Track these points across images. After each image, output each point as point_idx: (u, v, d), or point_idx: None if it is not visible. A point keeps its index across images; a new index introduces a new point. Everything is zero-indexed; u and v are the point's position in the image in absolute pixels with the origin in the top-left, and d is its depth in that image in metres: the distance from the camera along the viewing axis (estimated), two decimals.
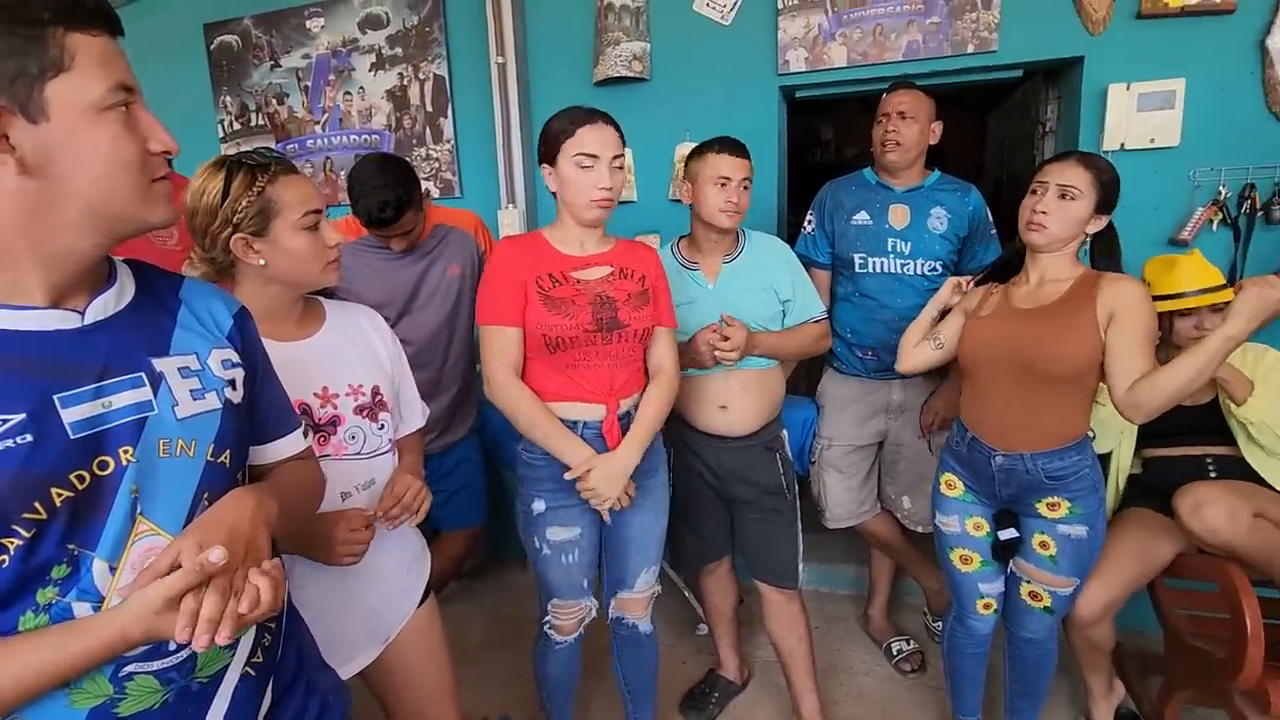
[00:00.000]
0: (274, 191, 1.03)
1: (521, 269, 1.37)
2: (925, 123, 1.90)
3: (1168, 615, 1.74)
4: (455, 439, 2.07)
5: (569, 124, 1.34)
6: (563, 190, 1.38)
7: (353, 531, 1.11)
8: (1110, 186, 1.40)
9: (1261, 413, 1.55)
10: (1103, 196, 1.40)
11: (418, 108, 2.66)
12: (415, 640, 1.30)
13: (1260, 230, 1.97)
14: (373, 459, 1.20)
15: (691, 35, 2.34)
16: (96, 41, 0.63)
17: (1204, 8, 1.91)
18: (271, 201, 1.03)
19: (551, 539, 1.48)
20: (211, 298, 0.84)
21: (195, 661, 0.72)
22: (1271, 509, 1.50)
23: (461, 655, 2.28)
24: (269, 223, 1.04)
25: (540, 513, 1.46)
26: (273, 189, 1.03)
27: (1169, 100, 1.96)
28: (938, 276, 1.91)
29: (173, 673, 0.71)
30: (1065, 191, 1.39)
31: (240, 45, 2.79)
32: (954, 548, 1.61)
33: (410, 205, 1.74)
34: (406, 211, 1.74)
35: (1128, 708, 1.87)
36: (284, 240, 1.05)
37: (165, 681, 0.70)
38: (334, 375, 1.16)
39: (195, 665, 0.73)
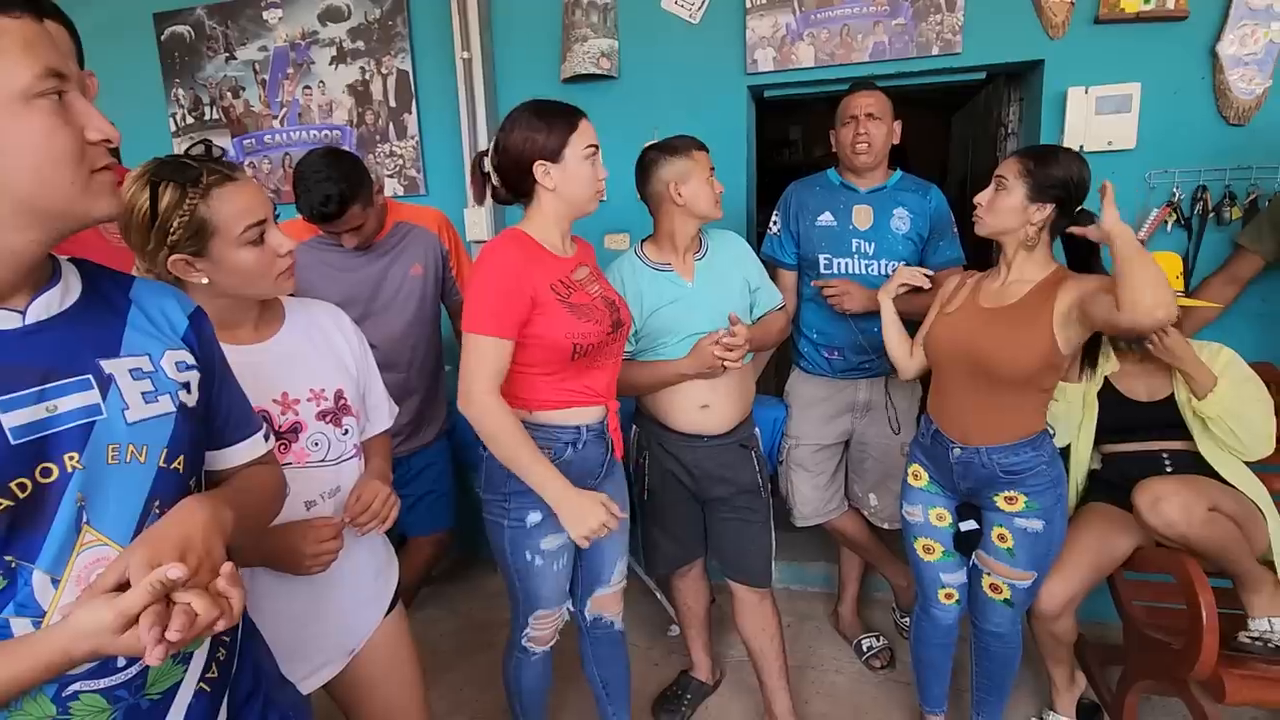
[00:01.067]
0: (208, 208, 0.96)
1: (531, 277, 1.28)
2: (890, 123, 1.91)
3: (1127, 607, 1.79)
4: (423, 443, 2.03)
5: (570, 115, 1.31)
6: (567, 185, 1.32)
7: (321, 542, 1.07)
8: (1038, 175, 1.40)
9: (1221, 408, 1.60)
10: (1032, 184, 1.41)
11: (380, 103, 2.60)
12: (382, 650, 1.26)
13: (1211, 231, 2.03)
14: (338, 465, 1.16)
15: (660, 33, 2.33)
16: (18, 24, 0.59)
17: (1158, 14, 1.96)
18: (206, 220, 0.96)
19: (545, 549, 1.43)
20: (164, 298, 0.80)
21: (145, 678, 0.69)
22: (1225, 503, 1.54)
23: (431, 661, 2.23)
24: (207, 242, 0.97)
25: (537, 523, 1.40)
26: (206, 206, 0.96)
27: (1125, 104, 2.01)
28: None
29: (121, 690, 0.68)
30: (998, 182, 1.44)
31: (193, 36, 2.69)
32: (918, 537, 1.65)
33: (355, 200, 1.67)
34: (351, 206, 1.67)
35: (1089, 698, 1.91)
36: (228, 258, 0.99)
37: (113, 700, 0.67)
38: (294, 379, 1.11)
39: (146, 682, 0.69)
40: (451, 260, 1.99)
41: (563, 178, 1.32)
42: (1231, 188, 2.00)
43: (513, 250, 1.30)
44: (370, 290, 1.83)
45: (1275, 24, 1.90)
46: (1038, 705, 1.92)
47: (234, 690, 0.81)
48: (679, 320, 1.62)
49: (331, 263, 1.82)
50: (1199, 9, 1.95)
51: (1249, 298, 2.00)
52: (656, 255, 1.68)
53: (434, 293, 1.96)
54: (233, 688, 0.81)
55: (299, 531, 1.06)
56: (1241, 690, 1.43)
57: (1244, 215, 1.99)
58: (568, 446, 1.39)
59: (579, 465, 1.41)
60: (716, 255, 1.70)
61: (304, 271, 1.75)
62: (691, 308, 1.63)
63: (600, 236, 2.45)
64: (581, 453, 1.41)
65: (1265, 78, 1.93)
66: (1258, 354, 1.99)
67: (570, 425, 1.39)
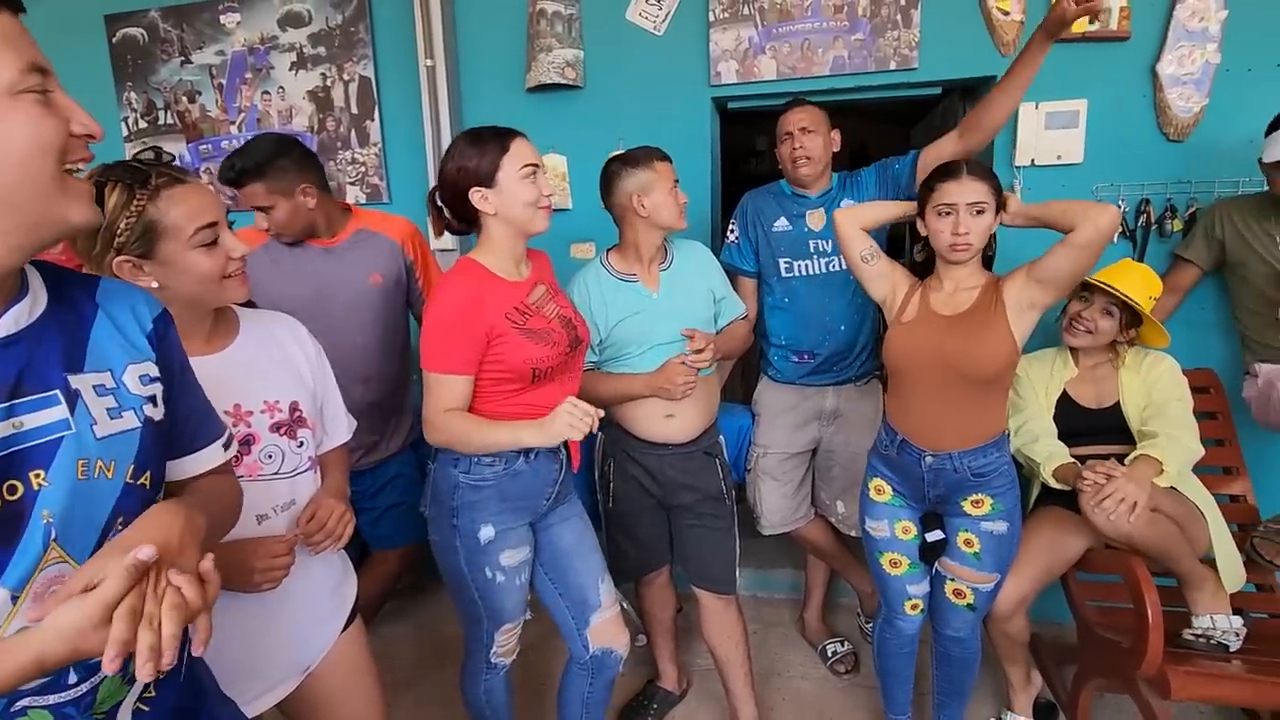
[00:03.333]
0: (157, 209, 0.94)
1: (484, 312, 1.30)
2: (825, 133, 1.95)
3: (1079, 607, 1.84)
4: (387, 454, 1.98)
5: (502, 138, 1.31)
6: (506, 208, 1.32)
7: (273, 557, 1.04)
8: (999, 194, 1.49)
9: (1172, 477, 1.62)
10: (996, 203, 1.48)
11: (342, 110, 2.56)
12: (339, 668, 1.23)
13: (1154, 242, 2.12)
14: (292, 478, 1.13)
15: (624, 44, 2.35)
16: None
17: (1102, 34, 2.04)
18: (155, 221, 0.94)
19: (506, 564, 1.41)
20: (132, 298, 0.77)
21: (95, 695, 0.67)
22: (1166, 504, 1.60)
23: (395, 678, 2.19)
24: (156, 244, 0.95)
25: (490, 539, 1.39)
26: (155, 206, 0.94)
27: (1073, 119, 2.09)
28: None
29: (70, 708, 0.66)
30: (977, 208, 1.45)
31: (146, 39, 2.62)
32: (883, 552, 1.65)
33: (255, 177, 1.65)
34: (249, 181, 1.65)
35: (1046, 697, 1.96)
36: (178, 261, 0.97)
37: (60, 717, 0.65)
38: (248, 391, 1.09)
39: (95, 700, 0.68)
40: (418, 272, 1.94)
41: (500, 201, 1.31)
42: (1172, 201, 2.08)
43: (464, 285, 1.32)
44: (313, 292, 1.76)
45: (1210, 45, 2.00)
46: (997, 706, 1.96)
47: (176, 709, 0.79)
48: (644, 331, 1.63)
49: (280, 262, 1.78)
50: (1140, 31, 2.04)
51: (1188, 306, 2.09)
52: (622, 265, 1.68)
53: (397, 303, 1.92)
54: (175, 706, 0.78)
55: (249, 547, 1.03)
56: (1187, 686, 1.47)
57: (1184, 227, 2.07)
58: (520, 456, 1.39)
59: (530, 477, 1.41)
60: (681, 265, 1.71)
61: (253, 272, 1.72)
62: (656, 318, 1.64)
63: (566, 246, 2.45)
64: (534, 464, 1.40)
65: (1202, 96, 2.02)
66: (1197, 360, 2.08)
67: None
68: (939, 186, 1.48)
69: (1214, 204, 1.98)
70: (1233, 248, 1.90)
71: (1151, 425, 1.70)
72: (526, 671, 2.18)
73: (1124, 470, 1.56)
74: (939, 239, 1.48)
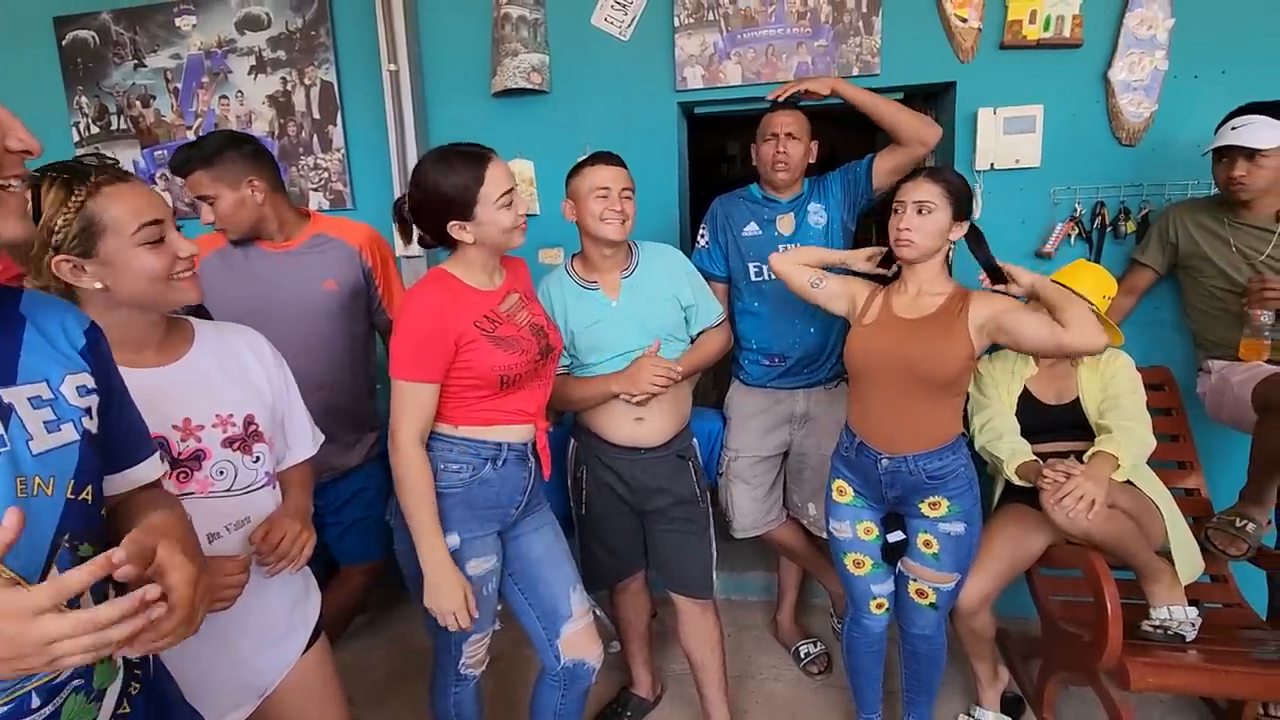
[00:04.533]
0: (97, 205, 0.91)
1: (453, 320, 1.30)
2: (807, 142, 1.98)
3: (1043, 602, 1.88)
4: (350, 466, 1.93)
5: (476, 167, 1.29)
6: (484, 235, 1.32)
7: (225, 575, 1.01)
8: (959, 195, 1.51)
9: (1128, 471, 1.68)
10: (956, 204, 1.50)
11: (304, 114, 2.51)
12: (300, 689, 1.20)
13: (1110, 244, 2.17)
14: (246, 495, 1.10)
15: (590, 49, 2.34)
16: None
17: (1056, 42, 2.09)
18: (95, 217, 0.91)
19: (472, 573, 1.39)
20: (59, 311, 0.75)
21: (59, 717, 0.65)
22: (1122, 499, 1.64)
23: (366, 693, 2.15)
24: (96, 241, 0.92)
25: (455, 548, 1.37)
26: (95, 202, 0.91)
27: (1030, 125, 2.14)
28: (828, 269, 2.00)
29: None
30: (922, 206, 1.48)
31: (98, 42, 2.55)
32: (847, 552, 1.67)
33: (203, 164, 1.63)
34: (195, 167, 1.62)
35: (1013, 691, 1.99)
36: (121, 259, 0.93)
37: None
38: (199, 405, 1.05)
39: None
40: (377, 279, 1.91)
41: (479, 231, 1.32)
42: (1126, 204, 2.14)
43: (434, 294, 1.32)
44: (263, 296, 1.72)
45: (1159, 53, 2.06)
46: (965, 702, 1.99)
47: None
48: (606, 339, 1.63)
49: (232, 265, 1.74)
50: (1092, 38, 2.09)
51: (1143, 306, 2.14)
52: (585, 272, 1.68)
53: (354, 311, 1.87)
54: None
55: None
56: (1145, 677, 1.50)
57: (1138, 229, 2.13)
58: (486, 463, 1.38)
59: (498, 484, 1.40)
60: (646, 271, 1.69)
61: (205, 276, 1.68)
62: (615, 327, 1.63)
63: (534, 251, 2.43)
64: (502, 471, 1.39)
65: (1151, 102, 2.08)
66: (1152, 359, 2.14)
67: (492, 441, 1.38)
68: (899, 187, 1.54)
69: (1167, 208, 2.03)
70: (1186, 251, 1.96)
71: (1107, 419, 1.75)
72: (498, 682, 2.16)
73: (1082, 468, 1.59)
74: (891, 234, 1.53)
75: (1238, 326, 1.84)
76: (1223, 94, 1.95)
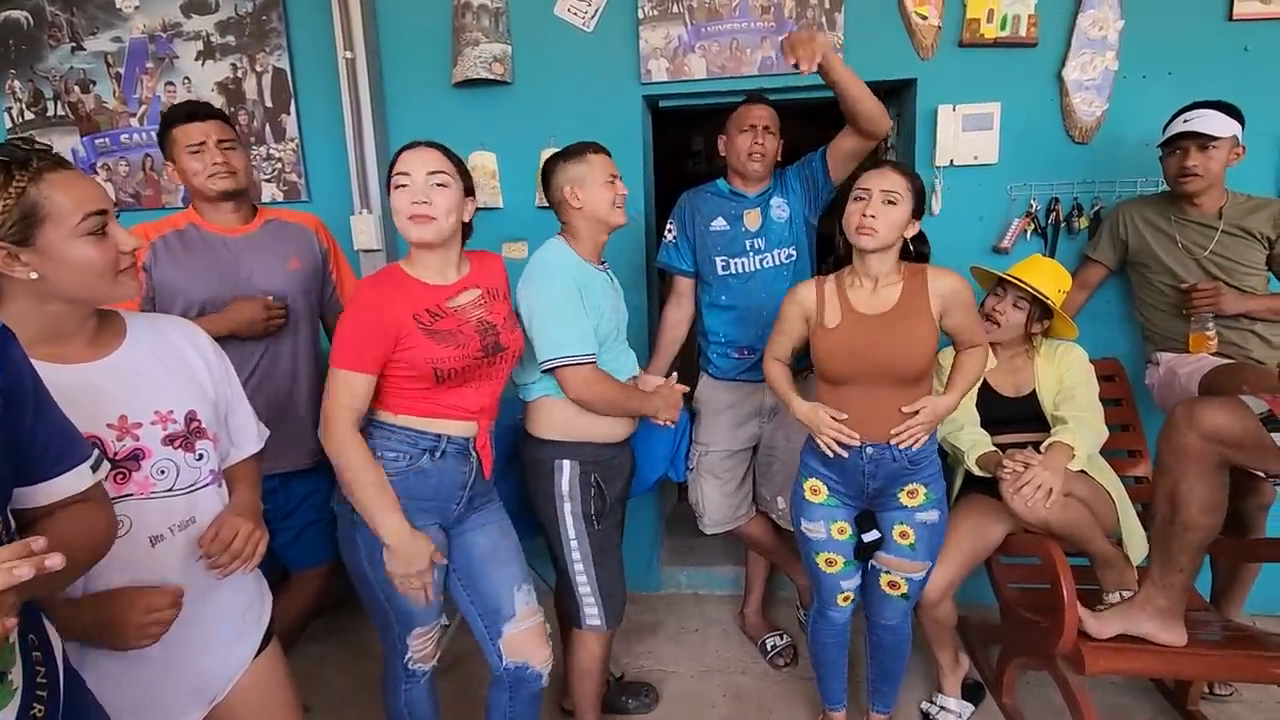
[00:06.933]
0: (39, 192, 0.86)
1: (392, 311, 1.30)
2: (778, 138, 2.00)
3: (1001, 590, 1.91)
4: (294, 468, 1.81)
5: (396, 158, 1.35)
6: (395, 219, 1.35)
7: (151, 611, 0.95)
8: (920, 192, 1.53)
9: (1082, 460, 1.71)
10: (917, 201, 1.52)
11: (255, 103, 2.43)
12: (252, 695, 1.15)
13: (1064, 239, 2.23)
14: (190, 494, 1.05)
15: (553, 40, 2.31)
16: None
17: (1012, 40, 2.14)
18: (37, 205, 0.86)
19: None
20: None
21: None
22: (1077, 488, 1.68)
23: (323, 698, 2.08)
24: (35, 230, 0.86)
25: None
26: (37, 189, 0.86)
27: (988, 122, 2.18)
28: (793, 261, 2.03)
29: None
30: (889, 197, 1.47)
31: (31, 23, 2.42)
32: (819, 552, 1.66)
33: (221, 117, 1.68)
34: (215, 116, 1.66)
35: (973, 677, 2.03)
36: (60, 250, 0.88)
37: None
38: (136, 401, 1.00)
39: None
40: (331, 263, 1.86)
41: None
42: (1079, 200, 2.20)
43: (376, 288, 1.34)
44: (229, 281, 1.66)
45: (1109, 53, 2.11)
46: (928, 689, 2.02)
47: None
48: (619, 324, 1.66)
49: (191, 246, 1.66)
50: (1046, 38, 2.14)
51: (1095, 301, 2.21)
52: (590, 258, 1.61)
53: (314, 294, 1.82)
54: None
55: (126, 599, 0.94)
56: (1099, 661, 1.54)
57: (1090, 225, 2.19)
58: (425, 454, 1.36)
59: (436, 476, 1.37)
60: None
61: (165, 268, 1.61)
62: (620, 313, 1.66)
63: (497, 245, 2.39)
64: (440, 463, 1.37)
65: (1103, 101, 2.14)
66: (1104, 350, 2.20)
67: (430, 433, 1.37)
68: (861, 174, 1.53)
69: (1117, 206, 2.09)
70: (1135, 248, 2.02)
71: (1062, 410, 1.79)
72: (461, 684, 2.12)
73: (1040, 459, 1.63)
74: (849, 221, 1.50)
75: (1184, 320, 1.91)
76: (1170, 94, 2.01)
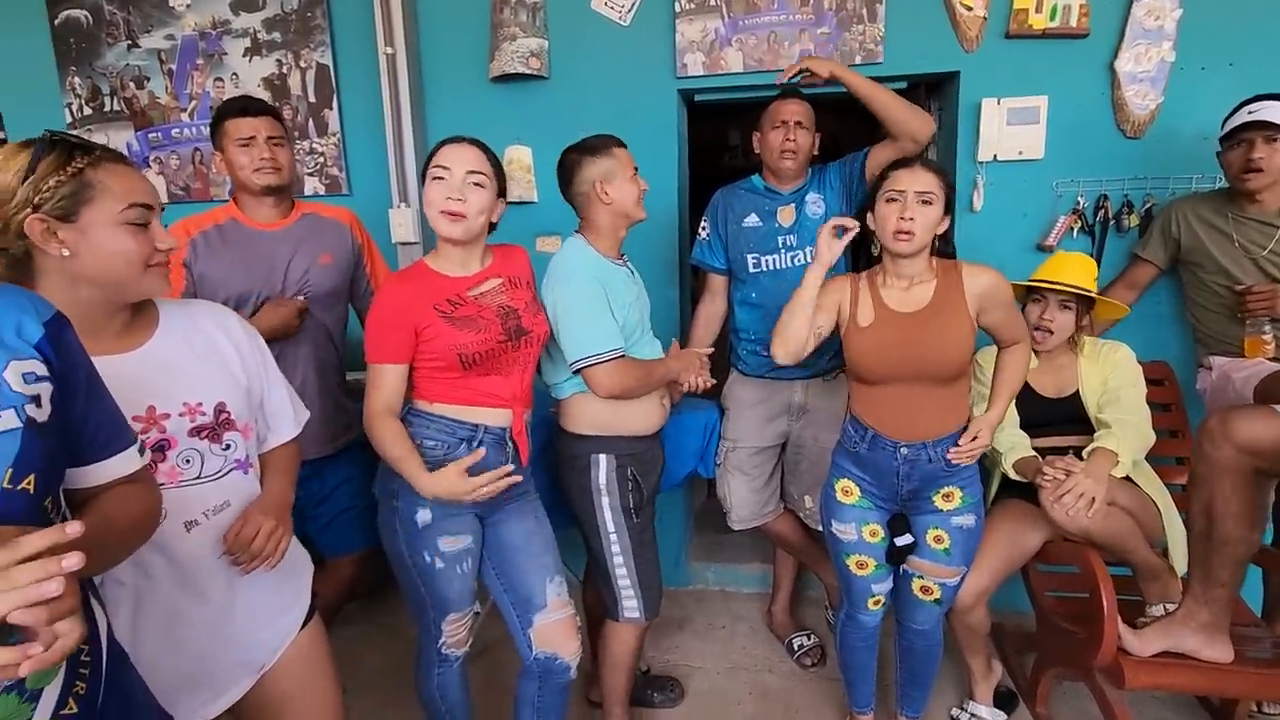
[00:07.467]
0: (95, 175, 0.90)
1: (412, 303, 1.36)
2: (813, 132, 1.97)
3: (1038, 598, 1.86)
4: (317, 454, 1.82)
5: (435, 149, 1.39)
6: (426, 210, 1.40)
7: None
8: (950, 188, 1.49)
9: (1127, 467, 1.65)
10: (948, 198, 1.48)
11: (299, 98, 2.48)
12: (296, 668, 1.18)
13: (1112, 237, 2.15)
14: (219, 480, 1.07)
15: (590, 34, 2.31)
16: None
17: (1062, 31, 2.06)
18: (89, 184, 0.89)
19: (445, 550, 1.41)
20: (15, 302, 0.72)
21: None
22: (1121, 497, 1.62)
23: (355, 680, 2.15)
24: (80, 207, 0.89)
25: (427, 524, 1.39)
26: (94, 173, 0.90)
27: (1034, 115, 2.11)
28: None
29: None
30: (924, 197, 1.44)
31: (90, 21, 2.51)
32: (850, 554, 1.63)
33: (273, 113, 1.74)
34: (268, 113, 1.73)
35: (1006, 685, 1.98)
36: (99, 232, 0.91)
37: None
38: (165, 392, 1.01)
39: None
40: (365, 258, 1.90)
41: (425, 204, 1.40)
42: (1129, 197, 2.11)
43: (398, 284, 1.41)
44: (264, 274, 1.71)
45: (1166, 43, 2.03)
46: (959, 695, 1.98)
47: None
48: (643, 316, 1.67)
49: (229, 240, 1.72)
50: (1099, 28, 2.06)
51: (1143, 301, 2.12)
52: (608, 252, 1.62)
53: (344, 288, 1.86)
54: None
55: None
56: (1139, 676, 1.49)
57: (1141, 223, 2.11)
58: (462, 443, 1.40)
59: (475, 468, 1.37)
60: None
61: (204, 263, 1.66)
62: (642, 305, 1.67)
63: (531, 240, 2.41)
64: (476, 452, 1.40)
65: (1158, 94, 2.05)
66: (1152, 353, 2.12)
67: (468, 422, 1.41)
68: (891, 175, 1.49)
69: (1171, 203, 2.01)
70: (1189, 246, 1.94)
71: (1107, 413, 1.73)
72: (490, 671, 2.15)
73: (1082, 466, 1.58)
74: (885, 225, 1.47)
75: (1239, 323, 1.82)
76: (1230, 86, 1.92)
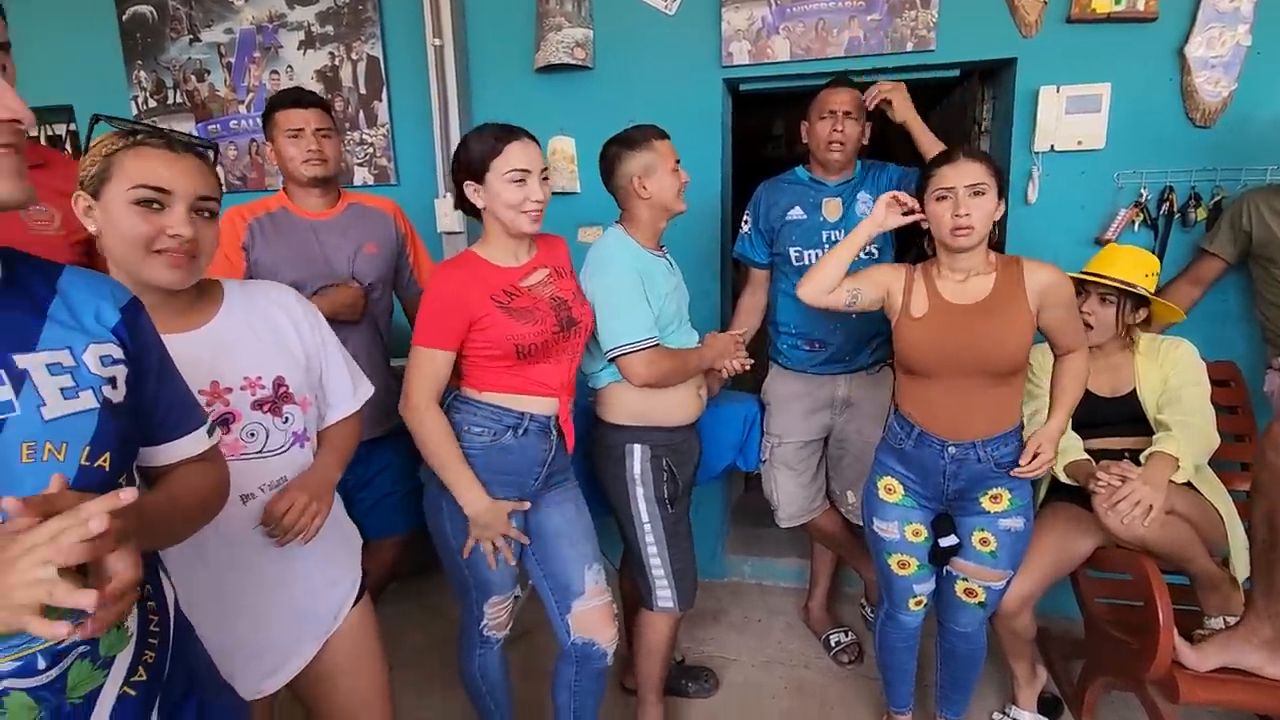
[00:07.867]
0: (121, 157, 0.93)
1: (468, 292, 1.37)
2: (863, 122, 1.92)
3: (1089, 605, 1.80)
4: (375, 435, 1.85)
5: (494, 142, 1.36)
6: (495, 206, 1.38)
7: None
8: (999, 173, 1.44)
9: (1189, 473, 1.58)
10: (999, 183, 1.43)
11: (350, 90, 2.54)
12: (345, 643, 1.22)
13: (1177, 232, 2.05)
14: (280, 456, 1.11)
15: (635, 24, 2.30)
16: None
17: (1129, 15, 1.97)
18: (112, 165, 0.93)
19: None
20: (95, 287, 0.76)
21: (66, 681, 0.67)
22: (1180, 504, 1.56)
23: (400, 657, 2.21)
24: (103, 186, 0.93)
25: None
26: (123, 154, 0.93)
27: (1095, 104, 2.02)
28: (873, 260, 1.93)
29: (44, 691, 0.66)
30: (975, 189, 1.39)
31: (156, 17, 2.61)
32: (892, 553, 1.61)
33: (323, 106, 1.77)
34: (318, 105, 1.75)
35: (1051, 691, 1.93)
36: (111, 210, 0.94)
37: (38, 700, 0.66)
38: (226, 368, 1.05)
39: (66, 685, 0.67)
40: (408, 247, 1.94)
41: (488, 198, 1.38)
42: (1197, 189, 2.01)
43: (452, 271, 1.41)
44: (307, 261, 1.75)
45: (1242, 27, 1.92)
46: (1001, 700, 1.94)
47: (165, 694, 0.78)
48: (681, 307, 1.68)
49: (280, 227, 1.77)
50: (1168, 11, 1.96)
51: (1209, 297, 2.03)
52: (647, 243, 1.63)
53: (388, 277, 1.90)
54: (164, 692, 0.78)
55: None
56: (1195, 691, 1.43)
57: (1209, 217, 2.01)
58: (509, 430, 1.42)
59: (519, 453, 1.42)
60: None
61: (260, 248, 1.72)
62: (680, 296, 1.68)
63: (573, 230, 2.42)
64: (522, 440, 1.43)
65: (1231, 81, 1.95)
66: (1218, 352, 2.02)
67: (515, 410, 1.42)
68: (936, 171, 1.44)
69: (1242, 195, 1.91)
70: (1261, 239, 1.84)
71: (1166, 414, 1.65)
72: (529, 655, 2.19)
73: (1139, 472, 1.52)
74: (940, 224, 1.43)
75: None
76: None
